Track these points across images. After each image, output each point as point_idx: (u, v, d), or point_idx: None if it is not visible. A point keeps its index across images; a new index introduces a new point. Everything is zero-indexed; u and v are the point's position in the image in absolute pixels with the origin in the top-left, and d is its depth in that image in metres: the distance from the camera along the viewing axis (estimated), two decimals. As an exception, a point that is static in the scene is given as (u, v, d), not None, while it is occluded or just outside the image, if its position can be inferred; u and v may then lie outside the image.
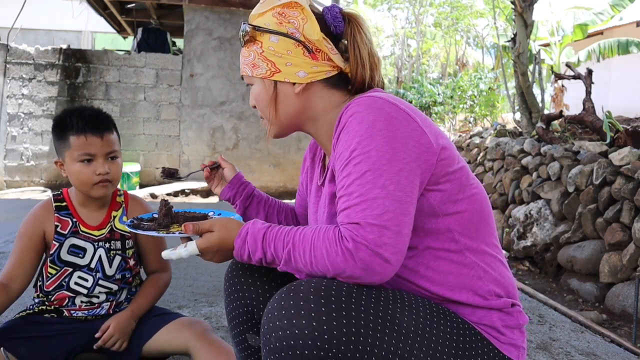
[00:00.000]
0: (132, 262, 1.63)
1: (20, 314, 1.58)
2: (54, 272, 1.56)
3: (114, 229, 1.62)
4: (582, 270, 3.87)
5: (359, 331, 0.88)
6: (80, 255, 1.58)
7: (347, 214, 0.92)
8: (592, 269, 3.78)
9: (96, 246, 1.59)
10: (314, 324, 0.87)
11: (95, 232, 1.60)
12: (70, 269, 1.57)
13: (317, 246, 0.92)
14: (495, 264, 1.07)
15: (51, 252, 1.56)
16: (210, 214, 1.30)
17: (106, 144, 1.53)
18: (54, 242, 1.56)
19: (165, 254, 1.03)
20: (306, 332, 0.87)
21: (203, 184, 7.72)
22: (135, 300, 1.61)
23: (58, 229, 1.57)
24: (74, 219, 1.59)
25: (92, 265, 1.58)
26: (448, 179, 1.01)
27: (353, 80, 1.12)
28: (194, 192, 7.50)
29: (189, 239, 1.07)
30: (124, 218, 1.64)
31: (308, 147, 1.36)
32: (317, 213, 1.20)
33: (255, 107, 1.17)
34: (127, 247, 1.63)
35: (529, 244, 4.62)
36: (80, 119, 1.52)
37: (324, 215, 1.13)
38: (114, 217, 1.63)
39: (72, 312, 1.58)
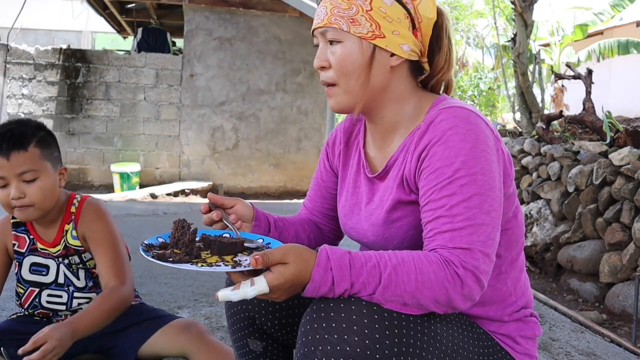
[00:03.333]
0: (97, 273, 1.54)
1: (12, 316, 1.57)
2: (22, 291, 1.51)
3: (67, 244, 1.51)
4: (582, 270, 3.87)
5: (408, 350, 0.85)
6: (43, 272, 1.50)
7: (451, 237, 0.88)
8: (592, 269, 3.78)
9: (57, 262, 1.51)
10: (367, 341, 0.81)
11: (52, 249, 1.50)
12: (37, 289, 1.50)
13: (424, 270, 0.84)
14: (522, 278, 1.08)
15: (15, 271, 1.50)
16: (259, 241, 1.05)
17: (14, 164, 1.35)
18: (15, 261, 1.49)
19: (224, 295, 0.83)
20: (358, 350, 0.81)
21: (203, 184, 7.72)
22: (78, 316, 1.38)
23: (16, 247, 1.49)
24: (31, 236, 1.50)
25: (61, 281, 1.51)
26: (508, 198, 1.00)
27: (435, 74, 1.06)
28: (194, 192, 7.49)
29: (243, 272, 0.89)
30: (74, 232, 1.50)
31: (341, 128, 1.22)
32: (362, 209, 1.11)
33: (324, 68, 1.02)
34: (85, 260, 1.53)
35: (529, 244, 4.62)
36: None
37: (379, 218, 1.04)
38: (66, 231, 1.50)
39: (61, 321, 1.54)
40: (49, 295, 1.51)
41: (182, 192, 7.38)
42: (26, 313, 1.56)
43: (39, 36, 15.19)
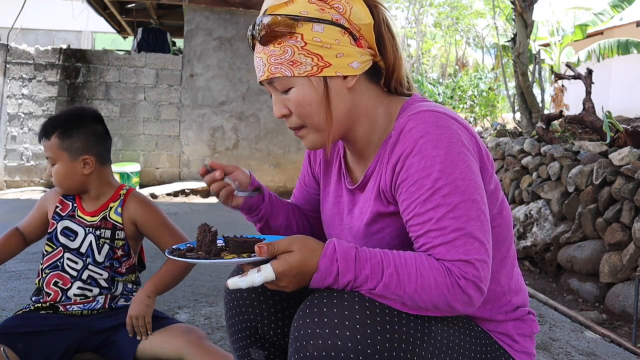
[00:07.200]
0: (119, 253, 1.66)
1: (17, 312, 1.62)
2: (49, 249, 1.66)
3: (108, 218, 1.66)
4: (582, 270, 3.87)
5: (400, 346, 0.85)
6: (71, 237, 1.65)
7: (447, 250, 0.87)
8: (592, 269, 3.78)
9: (87, 231, 1.65)
10: (359, 336, 0.82)
11: (89, 218, 1.66)
12: (63, 251, 1.64)
13: (425, 274, 0.85)
14: (515, 274, 1.08)
15: (50, 230, 1.67)
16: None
17: (45, 149, 1.65)
18: (52, 220, 1.67)
19: (233, 283, 0.86)
20: (349, 344, 0.82)
21: (203, 184, 7.72)
22: (150, 280, 1.63)
23: (57, 210, 1.67)
24: (75, 204, 1.69)
25: (83, 250, 1.64)
26: (489, 195, 0.99)
27: (390, 73, 1.03)
28: (194, 192, 7.50)
29: (253, 263, 0.91)
30: (119, 209, 1.67)
31: None
32: (343, 220, 1.11)
33: (286, 116, 1.00)
34: (116, 237, 1.66)
35: (529, 244, 4.62)
36: None
37: (360, 230, 1.05)
38: (111, 207, 1.68)
39: (68, 306, 1.60)
40: (68, 259, 1.64)
41: (182, 192, 7.38)
42: (32, 308, 1.61)
43: (39, 36, 15.18)
